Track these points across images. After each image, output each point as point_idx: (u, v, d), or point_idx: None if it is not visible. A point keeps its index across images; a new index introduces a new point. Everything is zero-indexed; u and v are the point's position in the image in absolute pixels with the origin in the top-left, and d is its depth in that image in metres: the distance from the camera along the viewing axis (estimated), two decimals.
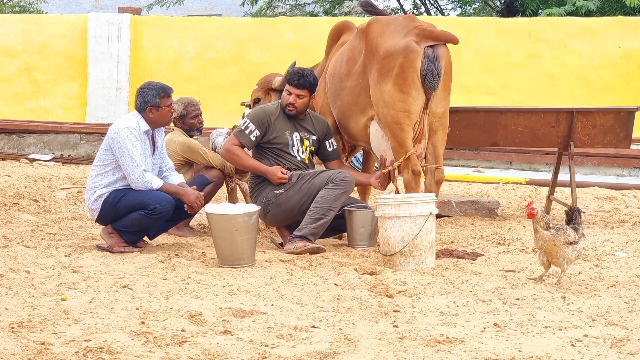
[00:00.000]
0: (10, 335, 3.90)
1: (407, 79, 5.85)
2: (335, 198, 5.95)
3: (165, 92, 5.95)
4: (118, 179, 5.92)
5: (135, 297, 4.64)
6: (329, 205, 5.94)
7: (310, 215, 5.94)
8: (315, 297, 4.74)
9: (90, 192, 5.98)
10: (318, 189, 5.96)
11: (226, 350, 3.78)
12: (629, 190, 9.36)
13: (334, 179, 5.95)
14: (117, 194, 5.89)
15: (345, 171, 6.09)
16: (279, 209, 6.04)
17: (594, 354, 3.76)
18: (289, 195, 5.99)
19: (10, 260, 5.48)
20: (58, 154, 12.17)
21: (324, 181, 5.97)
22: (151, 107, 5.91)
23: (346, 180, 5.97)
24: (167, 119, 6.01)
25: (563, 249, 5.00)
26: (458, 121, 7.28)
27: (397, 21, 6.14)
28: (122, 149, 5.81)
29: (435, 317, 4.36)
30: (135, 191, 5.87)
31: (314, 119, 6.30)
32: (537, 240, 5.08)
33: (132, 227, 5.89)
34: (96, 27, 13.92)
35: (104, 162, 5.95)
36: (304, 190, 5.99)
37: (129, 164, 5.81)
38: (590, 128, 7.45)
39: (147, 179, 5.84)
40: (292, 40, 13.74)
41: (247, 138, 6.11)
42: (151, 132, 6.00)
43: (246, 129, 6.10)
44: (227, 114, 12.89)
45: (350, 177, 6.03)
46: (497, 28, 13.50)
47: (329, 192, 5.94)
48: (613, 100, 12.87)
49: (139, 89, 6.00)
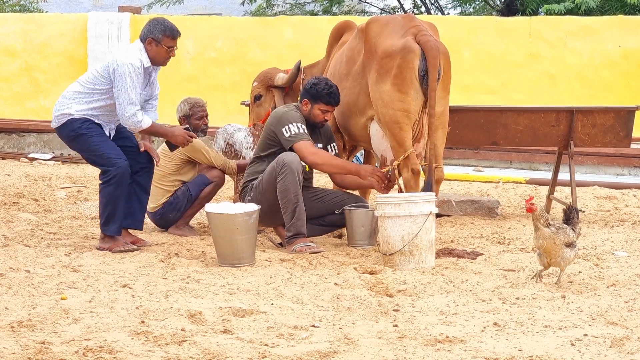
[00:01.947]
0: (10, 334, 3.90)
1: (406, 79, 5.85)
2: (289, 185, 5.85)
3: (172, 32, 5.86)
4: (96, 108, 5.88)
5: (135, 297, 4.64)
6: (291, 194, 5.88)
7: (285, 212, 5.93)
8: (315, 296, 4.74)
9: (63, 104, 5.92)
10: (272, 185, 5.91)
11: (226, 350, 3.78)
12: (629, 190, 9.37)
13: (275, 171, 5.88)
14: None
15: (282, 156, 5.88)
16: (260, 213, 6.03)
17: (594, 354, 3.76)
18: (258, 200, 5.95)
19: (10, 260, 5.48)
20: (58, 153, 12.17)
21: (272, 177, 5.91)
22: (151, 40, 5.84)
23: (285, 165, 5.83)
24: (163, 58, 5.89)
25: (563, 248, 4.97)
26: (458, 120, 7.28)
27: (396, 21, 6.14)
28: (122, 84, 5.75)
29: (435, 317, 4.36)
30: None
31: (325, 127, 6.29)
32: (537, 239, 5.02)
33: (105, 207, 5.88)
34: (96, 27, 13.91)
35: (93, 84, 5.87)
36: (267, 193, 5.95)
37: (124, 100, 5.75)
38: (590, 127, 7.45)
39: (138, 118, 5.80)
40: (292, 39, 13.74)
41: (307, 136, 6.00)
42: (151, 69, 5.92)
43: (299, 129, 5.98)
44: (228, 114, 12.89)
45: (287, 158, 5.83)
46: (497, 27, 13.50)
47: (281, 184, 5.86)
48: (613, 99, 12.87)
49: (150, 20, 5.94)
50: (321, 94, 6.05)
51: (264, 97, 7.21)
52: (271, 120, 6.14)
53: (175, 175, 6.68)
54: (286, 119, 6.03)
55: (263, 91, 7.20)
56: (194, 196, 6.63)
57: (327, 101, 6.08)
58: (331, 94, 6.06)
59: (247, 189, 6.14)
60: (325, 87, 6.06)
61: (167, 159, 6.65)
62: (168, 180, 6.67)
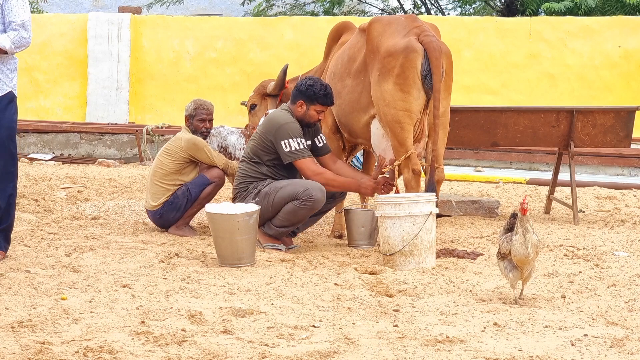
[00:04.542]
0: (10, 334, 3.90)
1: (408, 78, 5.85)
2: (301, 216, 5.98)
3: None
4: None
5: (135, 297, 4.64)
6: (294, 220, 6.00)
7: (277, 219, 6.00)
8: (316, 296, 4.74)
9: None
10: (285, 202, 5.96)
11: (226, 350, 3.78)
12: (629, 190, 9.37)
13: (300, 196, 5.92)
14: None
15: (313, 187, 5.93)
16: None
17: (594, 354, 3.76)
18: (263, 206, 5.95)
19: (10, 260, 5.48)
20: (58, 153, 12.18)
21: (291, 196, 5.94)
22: None
23: (311, 200, 5.91)
24: None
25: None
26: (458, 121, 7.28)
27: (398, 21, 6.15)
28: None
29: (435, 317, 4.36)
30: None
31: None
32: (524, 246, 4.39)
33: None
34: (96, 27, 13.92)
35: None
36: (277, 205, 5.97)
37: None
38: (591, 128, 7.45)
39: None
40: (292, 40, 13.74)
41: (308, 152, 6.04)
42: None
43: (299, 145, 5.99)
44: (227, 114, 12.90)
45: (317, 196, 5.92)
46: (497, 28, 13.50)
47: (295, 209, 5.93)
48: (613, 99, 12.89)
49: None
50: (318, 95, 6.06)
51: (258, 106, 7.33)
52: (268, 128, 6.08)
53: (176, 175, 6.68)
54: (285, 132, 5.99)
55: (258, 100, 7.34)
56: (194, 196, 6.63)
57: (323, 102, 6.09)
58: (327, 94, 6.08)
59: (249, 191, 6.09)
60: (321, 88, 6.07)
61: (169, 158, 6.66)
62: (169, 180, 6.66)
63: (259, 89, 7.33)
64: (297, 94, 6.13)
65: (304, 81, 6.16)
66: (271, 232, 6.06)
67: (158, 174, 6.65)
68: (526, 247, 4.48)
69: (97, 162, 11.66)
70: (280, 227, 6.03)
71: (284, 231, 6.08)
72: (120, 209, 7.63)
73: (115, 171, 10.77)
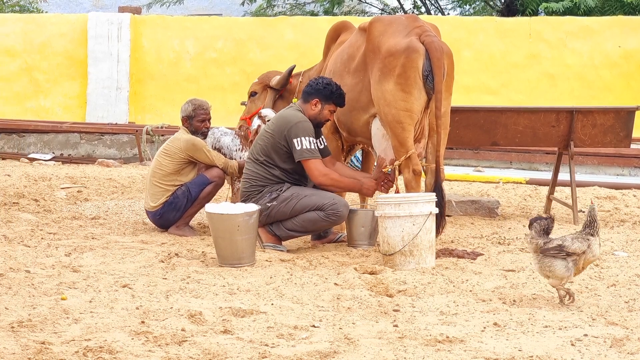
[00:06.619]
0: (10, 334, 3.90)
1: (409, 78, 5.84)
2: (318, 227, 6.02)
3: None
4: None
5: (135, 297, 4.64)
6: (310, 228, 6.02)
7: (291, 223, 5.98)
8: (315, 296, 4.74)
9: None
10: (307, 210, 5.95)
11: (226, 350, 3.78)
12: (629, 190, 9.37)
13: (327, 208, 5.93)
14: None
15: (340, 202, 5.96)
16: (267, 220, 6.02)
17: (594, 354, 3.76)
18: (280, 209, 5.95)
19: (10, 260, 5.48)
20: (58, 153, 12.18)
21: (316, 206, 5.94)
22: None
23: (337, 215, 5.93)
24: None
25: None
26: (458, 121, 7.28)
27: (399, 21, 6.14)
28: None
29: (435, 317, 4.36)
30: None
31: None
32: (599, 247, 4.50)
33: None
34: (96, 27, 13.92)
35: None
36: (297, 211, 5.96)
37: None
38: (590, 127, 7.45)
39: None
40: (292, 40, 13.74)
41: (318, 153, 6.01)
42: None
43: (310, 145, 5.96)
44: (227, 114, 12.90)
45: (342, 212, 5.95)
46: (497, 28, 13.51)
47: (317, 219, 5.94)
48: (613, 99, 12.89)
49: None
50: (334, 95, 6.05)
51: (258, 94, 7.40)
52: (280, 126, 6.01)
53: (175, 175, 6.68)
54: (299, 130, 5.95)
55: (259, 89, 7.41)
56: (194, 196, 6.63)
57: (338, 102, 6.09)
58: (342, 95, 6.09)
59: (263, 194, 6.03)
60: (337, 88, 6.07)
61: (168, 158, 6.66)
62: (168, 180, 6.66)
63: (263, 78, 7.39)
64: (313, 92, 6.06)
65: (319, 80, 6.10)
66: (279, 232, 6.05)
67: (157, 175, 6.65)
68: (600, 248, 4.58)
69: (97, 162, 11.67)
70: (292, 231, 6.03)
71: (293, 235, 6.09)
72: (120, 209, 7.64)
73: (115, 171, 10.77)
